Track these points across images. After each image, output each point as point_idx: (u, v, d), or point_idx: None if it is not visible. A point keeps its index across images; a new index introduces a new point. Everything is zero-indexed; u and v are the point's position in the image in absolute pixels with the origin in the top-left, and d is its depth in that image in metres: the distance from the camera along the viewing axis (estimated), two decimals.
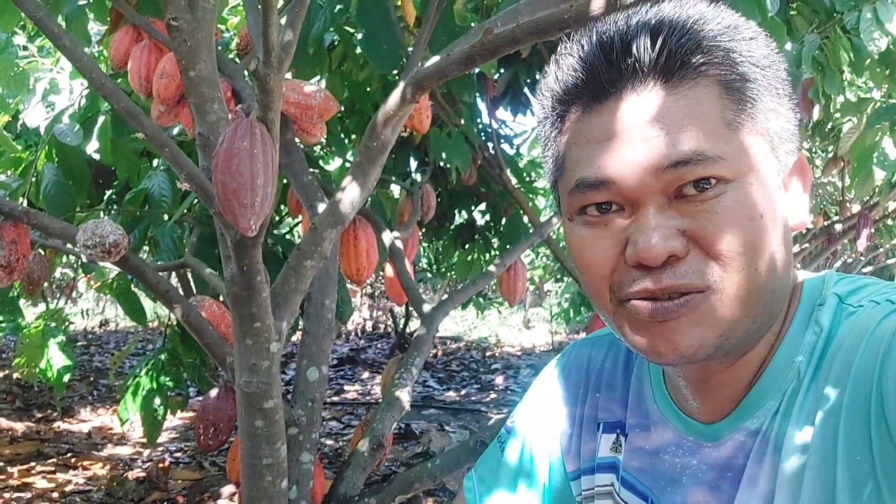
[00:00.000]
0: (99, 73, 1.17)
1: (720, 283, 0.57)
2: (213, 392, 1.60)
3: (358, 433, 1.68)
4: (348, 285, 2.16)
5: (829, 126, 3.27)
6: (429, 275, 7.20)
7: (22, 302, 2.97)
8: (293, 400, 1.57)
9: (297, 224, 3.33)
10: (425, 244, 4.65)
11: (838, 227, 3.81)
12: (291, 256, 1.36)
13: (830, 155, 3.44)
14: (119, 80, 2.23)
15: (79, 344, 7.34)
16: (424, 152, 2.93)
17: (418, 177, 3.08)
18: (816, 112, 2.64)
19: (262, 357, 1.28)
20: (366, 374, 6.13)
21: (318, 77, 2.68)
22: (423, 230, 3.38)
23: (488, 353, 7.45)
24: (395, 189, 3.25)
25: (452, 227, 3.63)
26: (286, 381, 4.47)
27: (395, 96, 1.33)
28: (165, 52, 1.71)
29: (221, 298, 1.58)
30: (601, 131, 0.59)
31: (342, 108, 2.81)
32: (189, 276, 2.28)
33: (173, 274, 2.37)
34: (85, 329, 8.62)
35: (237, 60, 2.07)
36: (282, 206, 2.68)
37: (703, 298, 0.57)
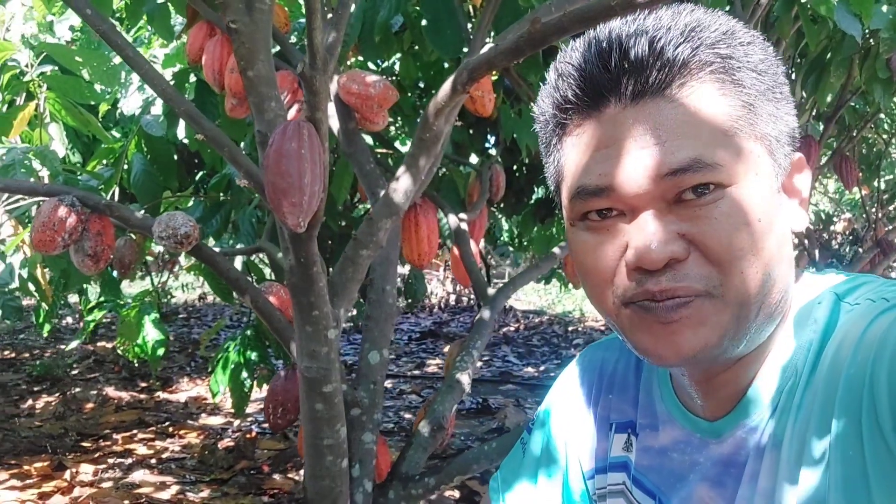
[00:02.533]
0: (160, 80, 1.24)
1: (720, 286, 0.58)
2: (282, 373, 1.68)
3: (421, 414, 1.73)
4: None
5: None
6: (511, 249, 7.22)
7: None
8: (356, 382, 1.63)
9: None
10: (506, 219, 4.66)
11: None
12: (348, 247, 1.41)
13: None
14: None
15: (179, 317, 7.77)
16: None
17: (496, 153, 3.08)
18: None
19: (320, 343, 1.34)
20: (447, 348, 6.23)
21: (390, 59, 2.71)
22: (502, 205, 3.39)
23: (571, 328, 7.39)
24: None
25: (531, 202, 3.61)
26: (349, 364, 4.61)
27: (445, 87, 1.35)
28: None
29: None
30: (600, 139, 0.61)
31: (421, 87, 2.85)
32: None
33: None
34: (185, 302, 9.10)
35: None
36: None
37: (704, 301, 0.59)
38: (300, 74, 1.06)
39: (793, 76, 3.14)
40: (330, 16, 1.20)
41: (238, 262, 2.65)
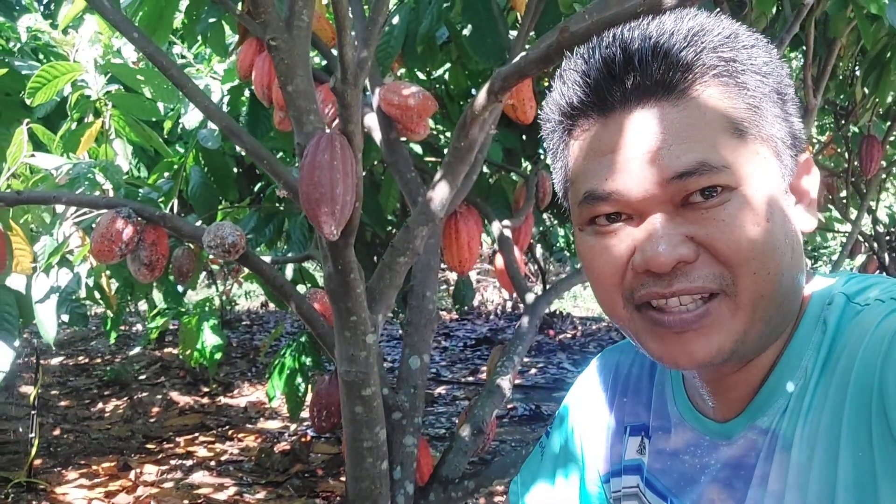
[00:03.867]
0: (203, 97, 1.30)
1: (731, 287, 0.59)
2: (326, 377, 1.73)
3: (462, 418, 1.76)
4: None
5: None
6: (567, 254, 7.17)
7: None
8: (397, 387, 1.67)
9: None
10: (561, 225, 4.64)
11: None
12: (386, 254, 1.44)
13: None
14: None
15: (242, 324, 7.98)
16: None
17: (544, 159, 3.09)
18: None
19: (359, 348, 1.38)
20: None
21: (437, 69, 2.76)
22: (555, 211, 3.38)
23: None
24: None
25: None
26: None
27: (480, 96, 1.37)
28: None
29: None
30: (607, 144, 0.61)
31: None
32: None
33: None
34: (248, 310, 9.35)
35: None
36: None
37: (721, 302, 0.59)
38: (332, 89, 1.10)
39: (857, 73, 3.05)
40: (353, 33, 1.24)
41: (290, 270, 2.73)
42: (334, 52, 2.17)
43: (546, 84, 2.49)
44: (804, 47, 2.49)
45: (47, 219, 2.11)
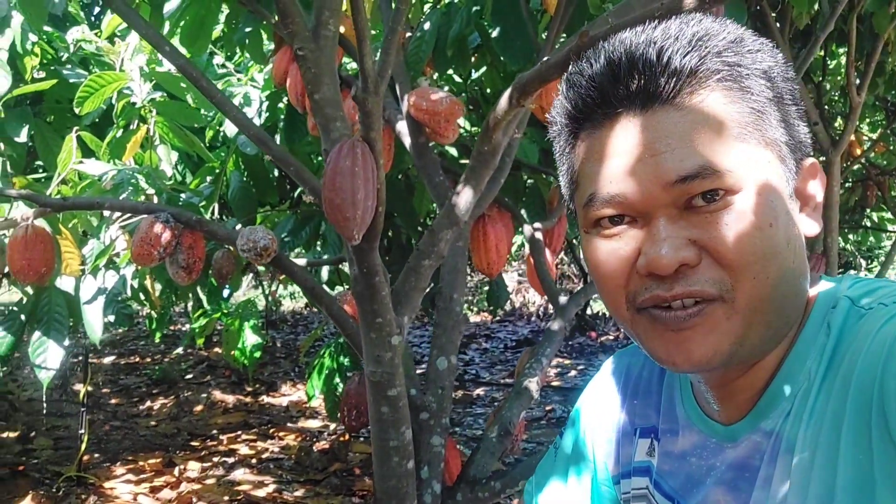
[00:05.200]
0: (231, 107, 1.35)
1: (732, 291, 0.59)
2: (356, 378, 1.76)
3: (491, 419, 1.77)
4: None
5: None
6: None
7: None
8: (425, 388, 1.69)
9: None
10: None
11: None
12: (411, 257, 1.47)
13: None
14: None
15: (286, 324, 8.13)
16: None
17: None
18: None
19: (384, 349, 1.41)
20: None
21: (468, 73, 2.78)
22: None
23: None
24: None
25: None
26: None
27: (502, 101, 1.39)
28: None
29: None
30: (611, 148, 0.62)
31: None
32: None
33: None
34: (292, 310, 9.50)
35: None
36: None
37: (717, 307, 0.60)
38: (354, 97, 1.13)
39: None
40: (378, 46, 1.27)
41: (326, 272, 2.78)
42: None
43: None
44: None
45: (94, 223, 2.20)
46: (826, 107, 3.43)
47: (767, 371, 0.64)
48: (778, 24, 2.44)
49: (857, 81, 2.65)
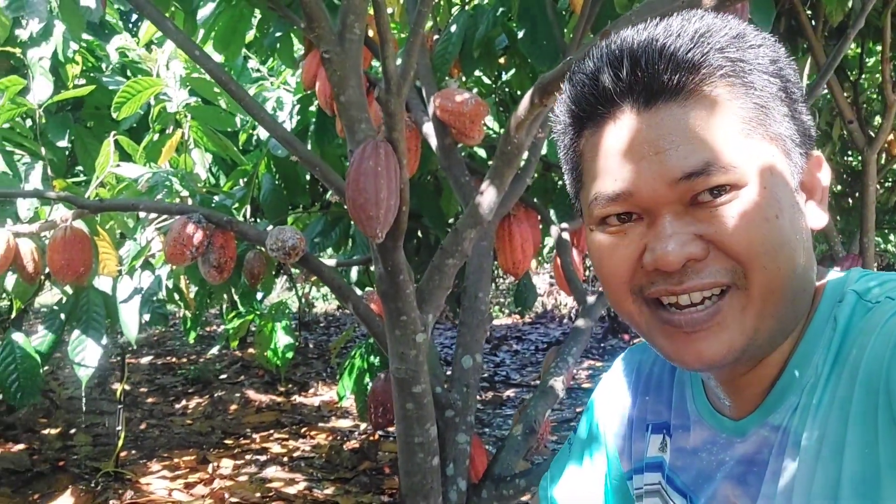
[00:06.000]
0: (259, 109, 1.38)
1: (743, 280, 0.59)
2: (382, 375, 1.79)
3: (516, 418, 1.78)
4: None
5: None
6: None
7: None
8: (450, 386, 1.71)
9: None
10: None
11: None
12: (435, 256, 1.49)
13: None
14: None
15: (319, 325, 8.21)
16: None
17: None
18: None
19: (409, 347, 1.43)
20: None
21: (494, 73, 2.79)
22: None
23: None
24: None
25: None
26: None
27: (524, 101, 1.40)
28: None
29: None
30: (616, 145, 0.63)
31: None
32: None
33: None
34: (325, 312, 9.60)
35: None
36: None
37: (732, 297, 0.60)
38: (377, 99, 1.15)
39: None
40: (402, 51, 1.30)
41: (354, 272, 2.81)
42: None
43: None
44: None
45: (130, 224, 2.26)
46: (864, 105, 3.37)
47: (775, 366, 0.65)
48: (812, 22, 2.41)
49: (894, 78, 2.60)
